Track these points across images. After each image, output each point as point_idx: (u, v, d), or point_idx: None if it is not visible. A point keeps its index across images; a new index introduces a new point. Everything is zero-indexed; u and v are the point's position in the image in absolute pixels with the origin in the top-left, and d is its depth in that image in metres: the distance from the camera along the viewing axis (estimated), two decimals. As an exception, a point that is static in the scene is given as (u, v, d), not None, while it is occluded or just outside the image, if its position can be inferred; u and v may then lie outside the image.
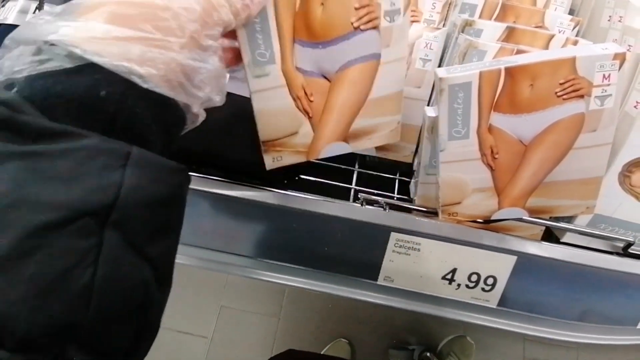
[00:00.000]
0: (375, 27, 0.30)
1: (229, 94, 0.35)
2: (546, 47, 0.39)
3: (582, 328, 0.39)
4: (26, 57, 0.17)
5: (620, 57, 0.29)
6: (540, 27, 0.42)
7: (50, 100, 0.16)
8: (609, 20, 0.44)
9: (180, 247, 0.19)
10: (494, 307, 0.38)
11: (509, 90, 0.30)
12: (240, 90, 0.36)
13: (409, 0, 0.29)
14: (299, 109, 0.33)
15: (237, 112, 0.35)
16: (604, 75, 0.29)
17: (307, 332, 1.22)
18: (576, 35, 0.43)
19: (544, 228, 0.40)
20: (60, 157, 0.15)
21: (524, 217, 0.37)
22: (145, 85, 0.17)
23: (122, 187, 0.15)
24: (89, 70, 0.16)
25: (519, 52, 0.36)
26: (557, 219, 0.40)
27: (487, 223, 0.39)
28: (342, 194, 0.38)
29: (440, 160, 0.34)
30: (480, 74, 0.30)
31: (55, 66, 0.16)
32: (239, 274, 0.37)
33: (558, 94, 0.30)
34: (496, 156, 0.34)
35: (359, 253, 0.37)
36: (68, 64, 0.16)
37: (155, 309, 0.17)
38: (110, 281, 0.15)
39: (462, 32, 0.39)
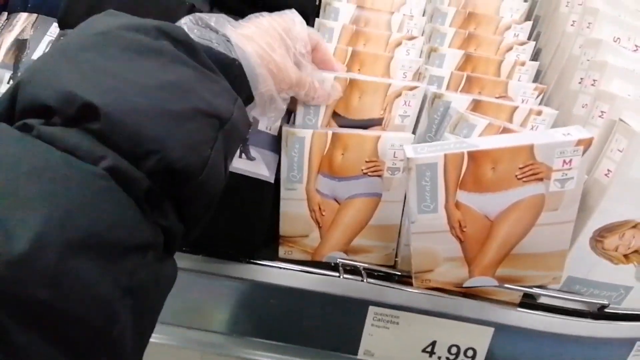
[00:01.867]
0: (379, 176, 0.40)
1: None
2: (510, 118, 0.42)
3: None
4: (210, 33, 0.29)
5: (585, 143, 0.31)
6: (504, 97, 0.45)
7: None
8: (579, 83, 0.46)
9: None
10: (476, 378, 0.38)
11: (473, 171, 0.32)
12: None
13: (407, 161, 0.34)
14: (312, 219, 0.42)
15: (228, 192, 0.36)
16: (564, 161, 0.31)
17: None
18: (540, 102, 0.46)
19: (522, 293, 0.41)
20: (212, 81, 0.25)
21: (500, 285, 0.38)
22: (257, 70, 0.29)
23: (233, 113, 0.25)
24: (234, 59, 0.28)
25: (505, 130, 0.37)
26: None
27: (462, 287, 0.39)
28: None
29: (411, 231, 0.35)
30: (445, 156, 0.32)
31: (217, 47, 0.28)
32: (215, 352, 0.36)
33: (518, 177, 0.32)
34: (464, 229, 0.35)
35: (338, 327, 0.37)
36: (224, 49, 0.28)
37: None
38: (214, 166, 0.24)
39: (432, 104, 0.41)
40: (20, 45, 0.50)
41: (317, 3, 0.49)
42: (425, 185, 0.33)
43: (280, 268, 0.37)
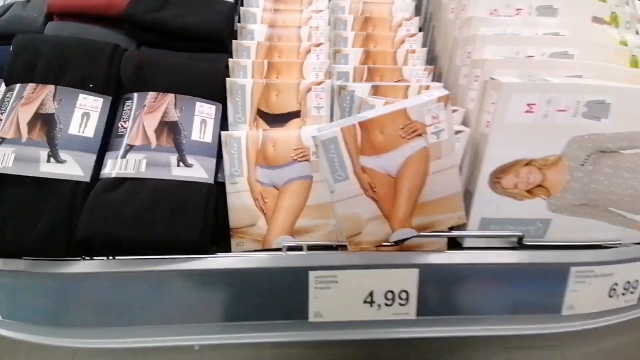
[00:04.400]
0: (307, 160, 0.46)
1: (148, 179, 0.43)
2: (405, 95, 0.49)
3: (509, 320, 0.45)
4: None
5: (444, 99, 0.38)
6: (401, 80, 0.52)
7: None
8: (461, 58, 0.55)
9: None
10: (414, 318, 0.43)
11: (366, 138, 0.39)
12: (157, 174, 0.43)
13: (314, 140, 0.40)
14: (257, 207, 0.47)
15: (158, 195, 0.42)
16: (432, 116, 0.38)
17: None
18: (433, 80, 0.54)
19: (446, 240, 0.47)
20: None
21: (425, 233, 0.44)
22: None
23: None
24: None
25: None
26: (453, 229, 0.47)
27: (396, 245, 0.45)
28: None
29: (333, 200, 0.41)
30: (342, 129, 0.38)
31: None
32: (178, 341, 0.40)
33: (402, 136, 0.38)
34: (375, 190, 0.41)
35: (287, 297, 0.41)
36: None
37: None
38: None
39: (340, 95, 0.49)
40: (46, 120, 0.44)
41: (234, 29, 0.57)
42: (333, 157, 0.39)
43: (231, 257, 0.42)
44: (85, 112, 0.46)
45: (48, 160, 0.42)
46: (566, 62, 0.48)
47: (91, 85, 0.47)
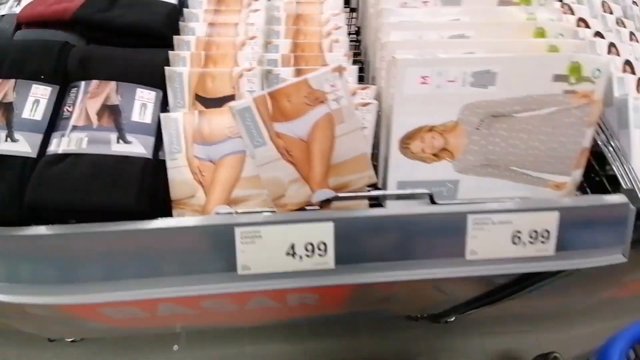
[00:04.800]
0: (240, 136, 0.50)
1: (89, 154, 0.48)
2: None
3: (416, 265, 0.50)
4: None
5: (338, 70, 0.44)
6: (324, 66, 0.59)
7: None
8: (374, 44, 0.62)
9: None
10: (333, 267, 0.48)
11: (276, 106, 0.45)
12: (98, 150, 0.48)
13: (230, 110, 0.46)
14: (196, 181, 0.52)
15: (97, 167, 0.47)
16: (331, 85, 0.44)
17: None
18: (362, 66, 0.61)
19: (367, 202, 0.52)
20: None
21: (345, 194, 0.49)
22: None
23: None
24: None
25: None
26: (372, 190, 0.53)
27: (321, 208, 0.51)
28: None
29: (256, 165, 0.47)
30: (254, 99, 0.44)
31: None
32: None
33: (307, 103, 0.45)
34: (291, 154, 0.47)
35: (217, 252, 0.46)
36: None
37: None
38: None
39: (267, 79, 0.55)
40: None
41: (177, 27, 0.63)
42: (249, 125, 0.45)
43: (167, 219, 0.47)
44: (36, 99, 0.52)
45: (6, 140, 0.48)
46: (461, 41, 0.55)
47: (42, 77, 0.53)
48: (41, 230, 0.44)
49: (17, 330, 1.11)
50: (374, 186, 0.54)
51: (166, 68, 0.54)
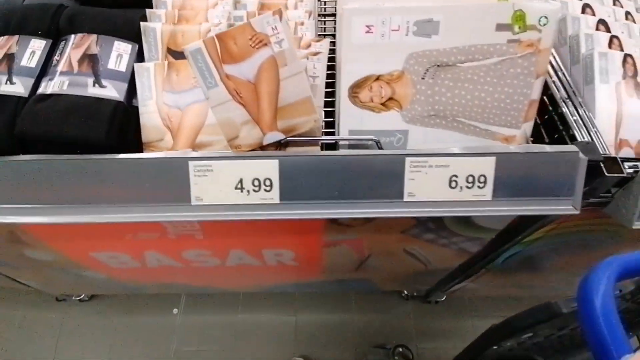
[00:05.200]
0: None
1: (68, 95, 0.55)
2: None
3: (358, 205, 0.53)
4: None
5: (278, 12, 0.48)
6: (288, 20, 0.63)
7: None
8: None
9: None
10: (278, 202, 0.52)
11: (224, 48, 0.49)
12: (76, 92, 0.55)
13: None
14: (164, 126, 0.57)
15: (74, 105, 0.53)
16: (272, 28, 0.48)
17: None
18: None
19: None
20: None
21: (286, 137, 0.53)
22: None
23: None
24: None
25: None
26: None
27: (280, 148, 0.55)
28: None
29: (210, 106, 0.52)
30: (204, 41, 0.49)
31: None
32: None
33: (251, 45, 0.48)
34: (241, 95, 0.51)
35: (172, 183, 0.51)
36: None
37: None
38: None
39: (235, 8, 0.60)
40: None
41: None
42: (202, 66, 0.50)
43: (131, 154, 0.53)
44: (33, 50, 0.59)
45: (5, 83, 0.56)
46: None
47: (39, 33, 0.61)
48: (22, 157, 0.51)
49: (25, 291, 1.23)
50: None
51: (142, 23, 0.60)
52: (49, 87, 0.56)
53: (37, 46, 0.60)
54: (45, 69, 0.59)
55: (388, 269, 1.02)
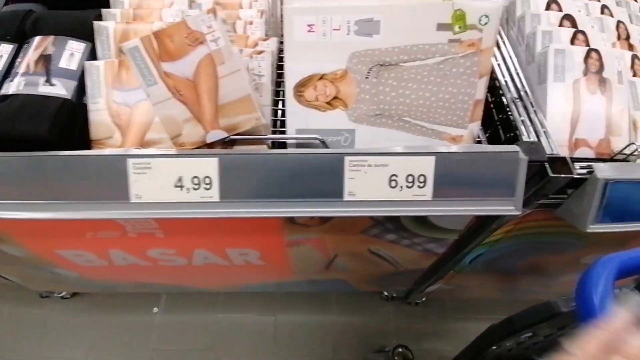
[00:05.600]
0: None
1: (22, 94, 0.55)
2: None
3: (299, 204, 0.53)
4: None
5: (212, 11, 0.48)
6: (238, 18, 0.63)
7: None
8: None
9: None
10: (218, 200, 0.52)
11: (162, 46, 0.49)
12: (29, 91, 0.55)
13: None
14: (113, 123, 0.58)
15: (23, 104, 0.54)
16: (207, 26, 0.48)
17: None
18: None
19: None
20: None
21: (229, 135, 0.53)
22: None
23: None
24: None
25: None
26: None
27: (226, 146, 0.55)
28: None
29: (151, 103, 0.52)
30: (141, 39, 0.49)
31: None
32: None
33: (188, 44, 0.49)
34: (181, 93, 0.51)
35: (111, 181, 0.52)
36: None
37: None
38: None
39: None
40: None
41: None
42: (140, 63, 0.50)
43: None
44: (1, 54, 0.60)
45: None
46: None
47: (8, 38, 0.63)
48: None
49: (11, 287, 1.25)
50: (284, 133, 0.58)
51: (95, 22, 0.61)
52: (9, 88, 0.57)
53: (5, 50, 0.62)
54: (9, 71, 0.60)
55: (360, 270, 1.02)
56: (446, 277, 0.98)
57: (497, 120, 0.64)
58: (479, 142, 0.61)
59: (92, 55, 0.62)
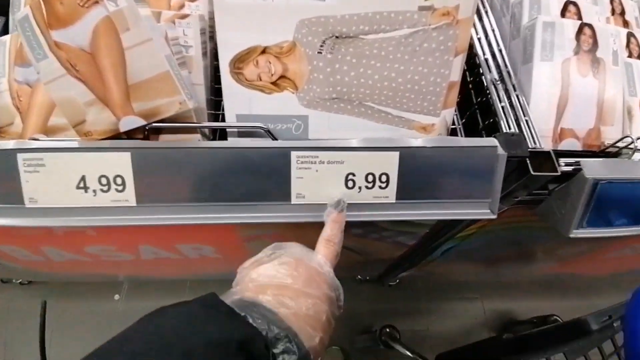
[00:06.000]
0: None
1: None
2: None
3: (235, 208, 0.44)
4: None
5: None
6: None
7: None
8: None
9: None
10: (134, 205, 0.42)
11: (50, 10, 0.37)
12: None
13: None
14: (14, 106, 0.48)
15: None
16: (104, -18, 0.36)
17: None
18: None
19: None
20: None
21: (149, 122, 0.43)
22: None
23: None
24: None
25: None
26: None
27: (144, 139, 0.44)
28: None
29: (42, 82, 0.40)
30: (30, 6, 0.37)
31: None
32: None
33: (80, 4, 0.37)
34: (77, 68, 0.40)
35: (2, 181, 0.41)
36: None
37: None
38: None
39: None
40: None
41: None
42: (29, 34, 0.38)
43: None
44: None
45: None
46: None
47: None
48: None
49: None
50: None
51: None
52: None
53: None
54: None
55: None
56: (419, 265, 0.92)
57: (475, 104, 0.56)
58: (454, 130, 0.53)
59: (5, 30, 0.49)
